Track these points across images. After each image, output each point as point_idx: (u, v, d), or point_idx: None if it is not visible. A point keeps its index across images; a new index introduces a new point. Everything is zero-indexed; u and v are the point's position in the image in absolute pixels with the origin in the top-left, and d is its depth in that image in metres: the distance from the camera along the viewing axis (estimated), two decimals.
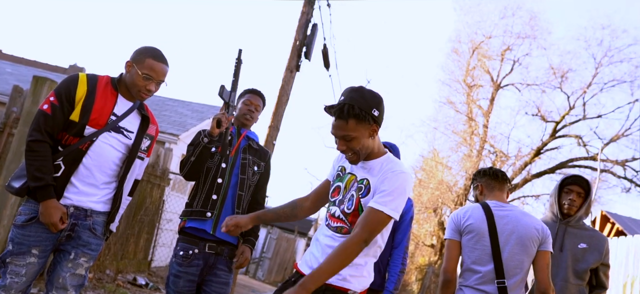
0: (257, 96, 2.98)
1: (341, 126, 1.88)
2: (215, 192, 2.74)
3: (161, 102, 12.24)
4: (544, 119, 17.32)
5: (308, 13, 6.60)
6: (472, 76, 18.29)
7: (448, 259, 2.57)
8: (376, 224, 1.85)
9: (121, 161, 2.36)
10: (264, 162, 2.95)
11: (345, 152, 1.95)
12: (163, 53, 2.37)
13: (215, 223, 2.72)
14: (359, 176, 1.99)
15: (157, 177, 7.81)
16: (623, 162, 16.34)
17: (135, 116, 2.39)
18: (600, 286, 2.84)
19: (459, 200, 17.21)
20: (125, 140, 2.34)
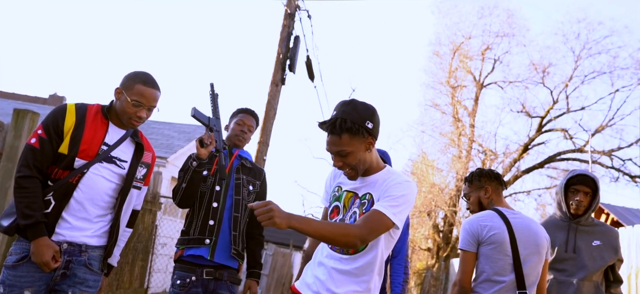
0: (250, 115, 2.92)
1: (335, 141, 1.82)
2: (212, 217, 2.67)
3: (146, 126, 12.14)
4: (529, 114, 17.54)
5: (289, 26, 6.60)
6: (455, 77, 18.51)
7: (464, 271, 2.45)
8: (378, 225, 1.76)
9: (115, 192, 2.26)
10: (259, 180, 2.89)
11: (342, 168, 1.88)
12: (153, 78, 2.29)
13: (212, 248, 2.65)
14: (360, 193, 1.91)
15: (148, 203, 7.69)
16: (609, 152, 16.57)
17: (129, 144, 2.30)
18: (617, 281, 2.79)
19: (451, 202, 17.30)
20: (118, 170, 2.25)
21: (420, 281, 18.14)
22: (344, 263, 1.87)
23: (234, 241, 2.69)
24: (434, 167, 18.46)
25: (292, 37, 6.64)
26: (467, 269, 2.44)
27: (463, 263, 2.45)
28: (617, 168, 16.58)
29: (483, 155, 17.90)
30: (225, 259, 2.68)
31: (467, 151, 17.80)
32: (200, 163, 2.54)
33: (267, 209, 1.60)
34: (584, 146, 16.58)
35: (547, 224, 2.83)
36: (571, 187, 2.79)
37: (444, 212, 17.88)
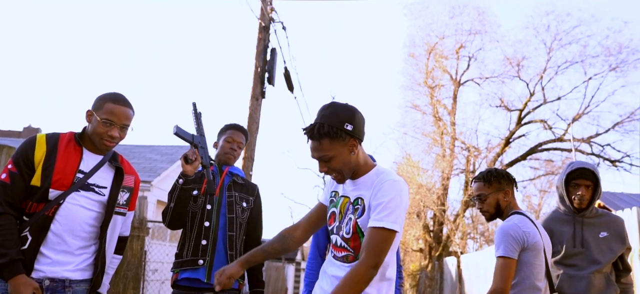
0: (239, 131, 2.87)
1: (316, 147, 1.80)
2: (204, 237, 2.61)
3: (128, 150, 12.04)
4: (508, 108, 17.80)
5: (265, 39, 6.61)
6: (432, 77, 18.71)
7: (507, 279, 2.35)
8: (381, 244, 1.72)
9: (97, 220, 2.18)
10: (253, 196, 2.82)
11: (328, 173, 1.85)
12: (125, 96, 2.22)
13: (209, 270, 2.59)
14: (352, 197, 1.88)
15: (135, 228, 7.60)
16: (588, 139, 16.88)
17: (107, 169, 2.22)
18: (627, 270, 2.78)
19: (439, 201, 17.42)
20: (98, 197, 2.17)
21: (415, 283, 18.18)
22: (343, 269, 1.84)
23: (230, 261, 2.62)
24: (419, 168, 18.62)
25: (269, 49, 6.65)
26: (509, 276, 2.36)
27: (506, 270, 2.36)
28: (597, 154, 16.90)
29: (467, 152, 18.11)
30: None
31: (450, 149, 17.99)
32: (187, 180, 2.50)
33: None
34: (563, 135, 16.89)
35: (552, 219, 2.82)
36: (572, 182, 2.75)
37: (433, 212, 17.99)
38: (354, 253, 1.83)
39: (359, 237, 1.82)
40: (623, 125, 16.31)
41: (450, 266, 12.44)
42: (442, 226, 17.69)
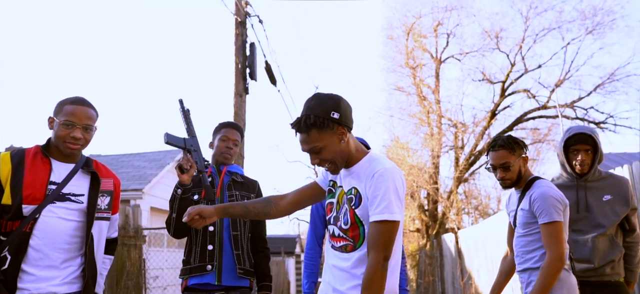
0: (233, 129, 2.85)
1: (304, 139, 1.80)
2: (210, 241, 2.61)
3: (115, 160, 12.02)
4: (490, 81, 17.95)
5: (242, 34, 6.60)
6: (412, 58, 18.78)
7: (562, 242, 2.35)
8: (387, 237, 1.73)
9: (79, 229, 2.12)
10: (254, 193, 2.82)
11: (320, 165, 1.85)
12: (84, 98, 2.17)
13: (218, 273, 2.60)
14: (346, 187, 1.88)
15: (131, 238, 7.64)
16: (572, 104, 17.10)
17: (82, 176, 2.16)
18: (632, 230, 2.77)
19: (431, 180, 17.58)
20: (76, 206, 2.11)
21: (415, 263, 18.34)
22: (341, 259, 1.87)
23: (238, 261, 2.64)
24: (409, 149, 18.76)
25: (248, 44, 6.65)
26: (563, 239, 2.37)
27: (560, 233, 2.36)
28: (582, 118, 17.12)
29: (454, 128, 18.28)
30: (234, 280, 2.63)
31: (437, 127, 18.15)
32: (185, 189, 2.49)
33: None
34: (547, 102, 17.09)
35: (556, 186, 2.82)
36: (570, 148, 2.75)
37: (427, 191, 18.15)
38: (353, 242, 1.84)
39: (358, 226, 1.82)
40: (604, 87, 16.57)
41: (448, 242, 12.59)
42: (437, 204, 17.85)
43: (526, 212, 2.48)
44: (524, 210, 2.49)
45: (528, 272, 2.49)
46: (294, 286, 17.72)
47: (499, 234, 8.09)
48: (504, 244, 9.27)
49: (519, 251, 2.54)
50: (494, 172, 2.56)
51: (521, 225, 2.52)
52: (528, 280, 2.48)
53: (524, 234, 2.51)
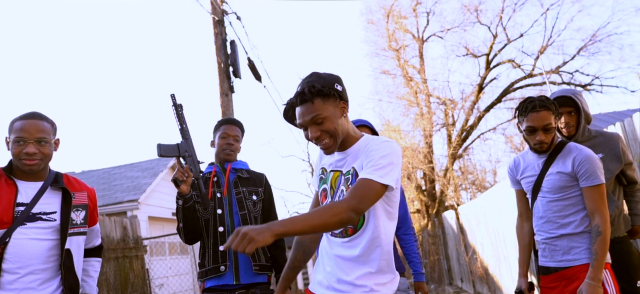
0: (233, 124, 2.79)
1: (308, 109, 1.72)
2: (221, 242, 2.59)
3: (107, 174, 11.95)
4: (474, 55, 17.99)
5: (221, 33, 6.52)
6: (395, 40, 18.75)
7: (605, 202, 2.32)
8: (366, 191, 1.63)
9: (55, 248, 2.07)
10: (262, 187, 2.77)
11: (319, 138, 1.75)
12: (35, 111, 2.11)
13: (235, 271, 2.58)
14: (344, 169, 1.81)
15: (132, 249, 7.61)
16: (557, 69, 17.20)
17: (52, 193, 2.11)
18: (632, 182, 2.77)
19: (426, 160, 17.64)
20: (48, 224, 2.06)
21: (418, 243, 18.43)
22: (346, 248, 1.77)
23: (252, 258, 2.62)
24: (400, 132, 18.79)
25: (228, 43, 6.58)
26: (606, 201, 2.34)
27: (604, 194, 2.33)
28: (568, 82, 17.24)
29: (444, 106, 18.32)
30: (252, 277, 2.62)
31: (427, 106, 18.17)
32: (186, 199, 2.46)
33: (240, 237, 1.46)
34: (532, 70, 17.18)
35: None
36: None
37: (423, 172, 18.21)
38: (353, 225, 1.76)
39: None
40: (587, 49, 16.66)
41: (449, 220, 12.63)
42: (434, 183, 17.92)
43: (564, 175, 2.37)
44: (562, 173, 2.37)
45: (566, 238, 2.37)
46: (301, 278, 17.71)
47: (499, 206, 8.12)
48: (504, 216, 9.26)
49: (552, 216, 2.41)
50: (531, 135, 2.40)
51: (555, 189, 2.39)
52: (568, 246, 2.36)
53: (558, 198, 2.39)
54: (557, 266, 2.41)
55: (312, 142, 1.77)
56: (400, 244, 2.88)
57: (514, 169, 2.62)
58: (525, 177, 2.54)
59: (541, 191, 2.46)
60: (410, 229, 2.86)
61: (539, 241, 2.51)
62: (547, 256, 2.46)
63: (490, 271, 9.41)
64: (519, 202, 2.67)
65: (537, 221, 2.50)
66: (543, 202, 2.46)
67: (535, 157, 2.50)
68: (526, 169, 2.54)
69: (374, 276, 1.74)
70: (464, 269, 11.75)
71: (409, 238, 2.85)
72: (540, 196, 2.47)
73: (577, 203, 2.36)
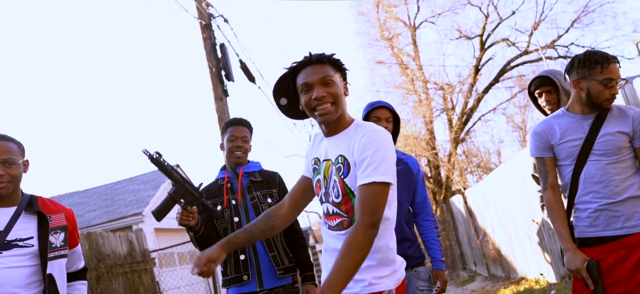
0: (239, 125, 2.72)
1: (319, 69, 1.71)
2: (241, 251, 2.56)
3: (109, 190, 11.91)
4: (468, 37, 17.88)
5: (210, 37, 6.44)
6: (386, 29, 18.64)
7: None
8: (375, 200, 1.59)
9: (35, 274, 2.00)
10: (276, 187, 2.71)
11: (323, 99, 1.70)
12: (4, 134, 2.06)
13: (259, 279, 2.56)
14: (333, 156, 1.76)
15: (140, 263, 7.58)
16: (552, 44, 17.09)
17: (27, 218, 2.04)
18: None
19: (428, 146, 17.57)
20: (26, 251, 1.99)
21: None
22: (340, 240, 1.72)
23: (276, 262, 2.59)
24: (401, 121, 18.67)
25: (218, 46, 6.50)
26: None
27: None
28: (564, 56, 17.14)
29: (441, 91, 18.22)
30: (276, 282, 2.59)
31: (424, 93, 18.08)
32: (196, 230, 2.44)
33: None
34: (527, 47, 17.07)
35: None
36: (535, 95, 2.84)
37: (427, 159, 18.13)
38: (348, 217, 1.72)
39: (350, 198, 1.70)
40: (580, 21, 16.54)
41: (457, 204, 12.56)
42: (439, 169, 17.82)
43: (624, 135, 2.26)
44: (622, 133, 2.26)
45: (629, 202, 2.22)
46: None
47: (506, 186, 8.06)
48: (512, 196, 9.19)
49: (614, 180, 2.25)
50: (609, 88, 2.26)
51: (613, 151, 2.25)
52: (631, 211, 2.22)
53: (617, 160, 2.25)
54: (616, 235, 2.22)
55: (310, 108, 1.72)
56: (419, 231, 2.81)
57: (548, 134, 2.38)
58: (567, 141, 2.33)
59: (592, 154, 2.28)
60: (429, 215, 2.78)
61: (592, 209, 2.28)
62: (600, 224, 2.25)
63: (503, 252, 9.35)
64: (550, 172, 2.40)
65: (592, 187, 2.28)
66: (598, 166, 2.27)
67: (576, 119, 2.33)
68: (567, 133, 2.33)
69: (373, 269, 1.69)
70: (477, 253, 11.68)
71: (428, 224, 2.77)
72: (592, 160, 2.28)
73: (632, 165, 2.26)
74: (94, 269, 6.29)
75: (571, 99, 2.37)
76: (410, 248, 2.65)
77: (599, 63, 2.24)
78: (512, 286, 8.20)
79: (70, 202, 11.85)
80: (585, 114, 2.31)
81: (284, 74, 1.81)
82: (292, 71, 1.79)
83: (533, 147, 2.43)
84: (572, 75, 2.32)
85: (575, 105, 2.35)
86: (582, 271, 2.19)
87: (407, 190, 2.71)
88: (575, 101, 2.35)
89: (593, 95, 2.26)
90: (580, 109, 2.33)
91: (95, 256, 6.50)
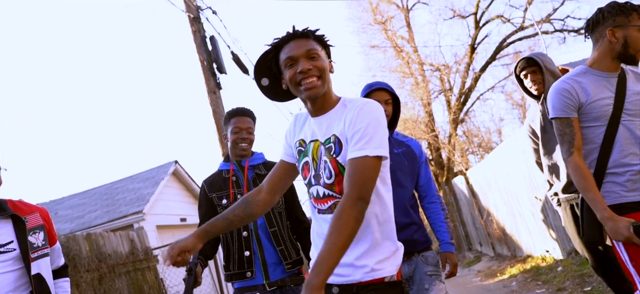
0: (242, 115, 2.63)
1: (304, 43, 1.64)
2: (246, 248, 2.51)
3: (108, 190, 11.85)
4: (462, 16, 17.72)
5: (199, 30, 6.35)
6: (379, 13, 18.46)
7: None
8: (366, 173, 1.50)
9: (21, 277, 2.00)
10: None
11: (309, 72, 1.61)
12: None
13: (264, 271, 2.52)
14: (323, 138, 1.66)
15: (142, 261, 7.55)
16: (548, 18, 16.94)
17: (2, 223, 2.03)
18: None
19: (428, 129, 17.49)
20: (8, 256, 1.98)
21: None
22: None
23: (283, 256, 2.54)
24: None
25: (208, 39, 6.41)
26: None
27: None
28: (561, 29, 17.01)
29: (438, 72, 18.11)
30: (283, 273, 2.56)
31: (421, 75, 17.97)
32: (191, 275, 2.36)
33: None
34: (523, 22, 16.91)
35: None
36: (520, 78, 2.90)
37: (427, 141, 18.07)
38: (341, 197, 1.59)
39: (343, 177, 1.59)
40: None
41: (460, 185, 12.51)
42: (440, 151, 17.76)
43: None
44: None
45: None
46: None
47: (508, 164, 8.00)
48: (513, 173, 9.11)
49: None
50: None
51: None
52: None
53: None
54: None
55: (295, 82, 1.63)
56: (426, 214, 2.76)
57: (577, 91, 2.20)
58: (600, 99, 2.17)
59: (624, 114, 2.14)
60: (434, 197, 2.71)
61: (635, 171, 2.12)
62: None
63: (508, 231, 9.31)
64: (577, 133, 2.21)
65: (632, 148, 2.13)
66: (634, 125, 2.14)
67: (602, 77, 2.19)
68: (596, 92, 2.18)
69: (373, 253, 1.60)
70: (481, 233, 11.65)
71: (434, 207, 2.70)
72: (625, 120, 2.14)
73: None
74: (95, 270, 6.24)
75: (597, 55, 2.20)
76: (416, 232, 2.57)
77: (636, 10, 2.13)
78: (518, 265, 8.17)
79: (71, 204, 11.79)
80: (611, 71, 2.17)
81: (266, 52, 1.71)
82: (274, 48, 1.69)
83: (558, 106, 2.22)
84: (606, 24, 2.16)
85: (603, 60, 2.18)
86: (633, 237, 1.97)
87: (411, 173, 2.64)
88: (604, 55, 2.18)
89: (631, 43, 2.12)
90: (608, 64, 2.18)
91: (96, 256, 6.45)
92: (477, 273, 9.58)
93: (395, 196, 2.43)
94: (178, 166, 11.73)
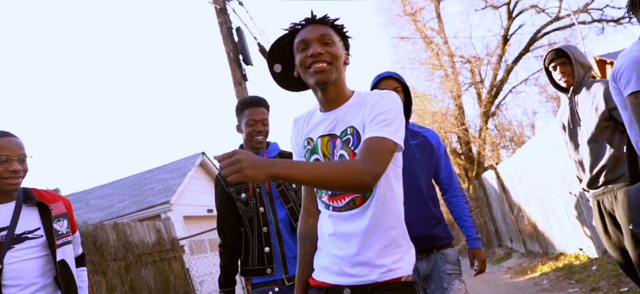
0: (256, 105, 2.55)
1: (319, 28, 1.57)
2: (266, 244, 2.48)
3: (137, 180, 12.04)
4: (494, 6, 17.28)
5: (226, 21, 6.36)
6: (409, 4, 18.17)
7: None
8: (381, 151, 1.41)
9: (48, 263, 2.05)
10: None
11: (320, 56, 1.53)
12: (6, 131, 2.09)
13: (284, 266, 2.49)
14: (338, 130, 1.57)
15: (169, 251, 7.64)
16: (585, 8, 16.34)
17: (29, 210, 2.08)
18: None
19: (458, 122, 17.16)
20: (36, 242, 2.04)
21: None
22: (356, 221, 1.52)
23: None
24: (428, 97, 18.29)
25: (234, 30, 6.40)
26: None
27: None
28: (599, 19, 16.39)
29: (469, 64, 17.72)
30: None
31: (451, 67, 17.61)
32: None
33: (232, 161, 1.23)
34: (558, 13, 16.36)
35: None
36: (548, 69, 2.87)
37: (457, 135, 17.73)
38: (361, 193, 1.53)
39: None
40: None
41: (490, 180, 12.24)
42: (470, 145, 17.41)
43: None
44: None
45: None
46: None
47: (540, 159, 7.74)
48: (545, 168, 8.85)
49: None
50: None
51: None
52: None
53: None
54: None
55: (305, 66, 1.55)
56: (449, 209, 2.63)
57: (626, 69, 2.09)
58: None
59: None
60: (457, 190, 2.60)
61: None
62: None
63: (539, 227, 9.06)
64: (626, 119, 2.16)
65: None
66: None
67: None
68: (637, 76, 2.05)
69: (391, 251, 1.52)
70: (512, 229, 11.37)
71: (457, 200, 2.59)
72: None
73: None
74: (122, 259, 6.34)
75: None
76: (436, 227, 2.42)
77: None
78: (550, 262, 7.93)
79: (101, 194, 12.05)
80: None
81: (281, 37, 1.64)
82: (290, 33, 1.62)
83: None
84: None
85: None
86: None
87: (428, 165, 2.52)
88: None
89: None
90: None
91: (123, 245, 6.54)
92: (507, 270, 9.35)
93: (413, 188, 2.35)
94: (205, 157, 11.83)
